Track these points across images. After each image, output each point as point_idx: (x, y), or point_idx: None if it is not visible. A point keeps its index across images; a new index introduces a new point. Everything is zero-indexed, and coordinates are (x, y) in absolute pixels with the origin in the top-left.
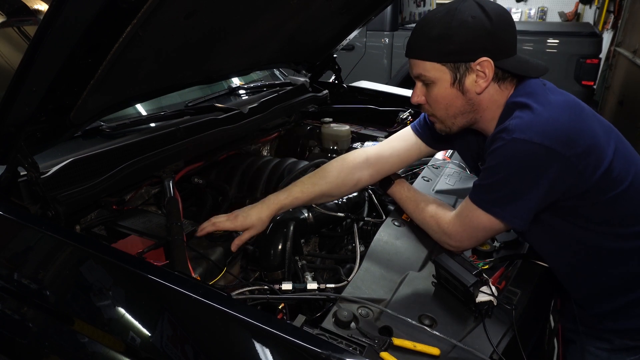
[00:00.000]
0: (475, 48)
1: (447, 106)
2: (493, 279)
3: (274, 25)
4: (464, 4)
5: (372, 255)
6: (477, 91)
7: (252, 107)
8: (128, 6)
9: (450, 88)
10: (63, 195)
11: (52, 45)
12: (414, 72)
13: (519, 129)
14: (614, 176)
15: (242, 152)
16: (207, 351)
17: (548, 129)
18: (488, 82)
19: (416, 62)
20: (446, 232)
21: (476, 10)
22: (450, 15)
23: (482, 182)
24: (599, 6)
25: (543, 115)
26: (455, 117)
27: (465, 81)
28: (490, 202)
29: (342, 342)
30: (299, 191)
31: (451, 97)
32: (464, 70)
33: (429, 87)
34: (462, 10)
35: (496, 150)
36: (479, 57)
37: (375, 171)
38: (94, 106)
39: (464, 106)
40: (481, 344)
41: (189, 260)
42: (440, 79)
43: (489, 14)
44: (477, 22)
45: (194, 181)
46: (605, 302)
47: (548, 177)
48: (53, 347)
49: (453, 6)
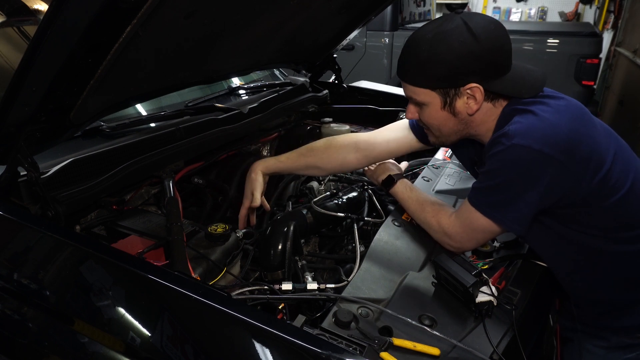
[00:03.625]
0: (464, 72)
1: (439, 126)
2: (493, 279)
3: (274, 25)
4: (451, 25)
5: (372, 255)
6: (468, 112)
7: (252, 107)
8: (128, 6)
9: (441, 111)
10: (63, 195)
11: (52, 45)
12: (405, 93)
13: (519, 134)
14: (613, 182)
15: (242, 152)
16: (207, 351)
17: (548, 135)
18: (479, 104)
19: (406, 85)
20: (447, 232)
21: (463, 33)
22: (438, 40)
23: (480, 185)
24: (599, 6)
25: (543, 121)
26: (449, 135)
27: (456, 104)
28: (489, 205)
29: (342, 342)
30: (285, 157)
31: (443, 119)
32: (454, 95)
33: (420, 108)
34: (449, 34)
35: (496, 155)
36: (468, 82)
37: (362, 156)
38: (94, 106)
39: (456, 126)
40: (481, 344)
41: (189, 260)
42: (430, 103)
43: (477, 36)
44: (464, 47)
45: (194, 181)
46: (603, 302)
47: (546, 182)
48: (53, 347)
49: (441, 29)
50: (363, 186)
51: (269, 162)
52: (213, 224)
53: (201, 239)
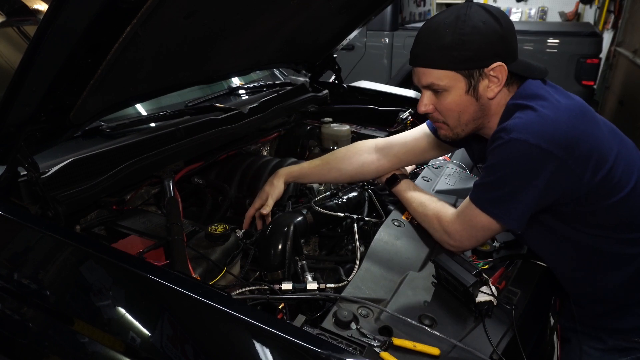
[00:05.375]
0: (489, 54)
1: (460, 113)
2: (493, 279)
3: (274, 25)
4: (471, 10)
5: (372, 255)
6: (489, 96)
7: (252, 107)
8: (128, 6)
9: (464, 95)
10: (63, 195)
11: (52, 45)
12: (422, 81)
13: (517, 129)
14: (615, 182)
15: (242, 152)
16: (207, 351)
17: (546, 131)
18: (501, 86)
19: (426, 71)
20: (447, 230)
21: (484, 15)
22: (461, 22)
23: (481, 181)
24: (599, 6)
25: (543, 117)
26: (467, 123)
27: (479, 87)
28: (488, 201)
29: (342, 342)
30: (307, 164)
31: (465, 104)
32: (478, 77)
33: (440, 95)
34: (471, 16)
35: (495, 150)
36: (493, 62)
37: (381, 155)
38: (94, 106)
39: (476, 112)
40: (481, 344)
41: (189, 260)
42: (454, 87)
43: (497, 18)
44: (488, 27)
45: (194, 181)
46: (602, 302)
47: (544, 178)
48: (53, 347)
49: (461, 12)
50: (363, 186)
51: (294, 170)
52: (213, 224)
53: (201, 239)
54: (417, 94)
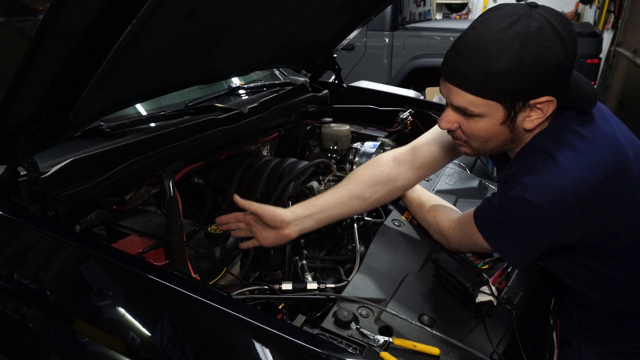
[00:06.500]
0: (544, 86)
1: (487, 140)
2: (493, 279)
3: (274, 25)
4: (535, 24)
5: (372, 255)
6: (526, 127)
7: (252, 107)
8: (128, 6)
9: (499, 125)
10: (63, 195)
11: (52, 45)
12: (454, 101)
13: (535, 190)
14: (637, 223)
15: (242, 152)
16: (207, 351)
17: (566, 196)
18: (543, 119)
19: (461, 93)
20: (445, 235)
21: (551, 36)
22: (521, 44)
23: (487, 212)
24: (599, 6)
25: (565, 179)
26: (492, 150)
27: (517, 118)
28: (492, 233)
29: (342, 342)
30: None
31: (497, 133)
32: (520, 107)
33: (470, 119)
34: (535, 37)
35: (506, 198)
36: (544, 96)
37: (406, 169)
38: (94, 106)
39: (506, 141)
40: (481, 344)
41: (189, 260)
42: (490, 115)
43: (565, 41)
44: (553, 55)
45: (194, 181)
46: (608, 307)
47: (557, 235)
48: (53, 347)
49: (521, 27)
50: None
51: (305, 223)
52: (213, 224)
53: (201, 239)
54: (417, 94)
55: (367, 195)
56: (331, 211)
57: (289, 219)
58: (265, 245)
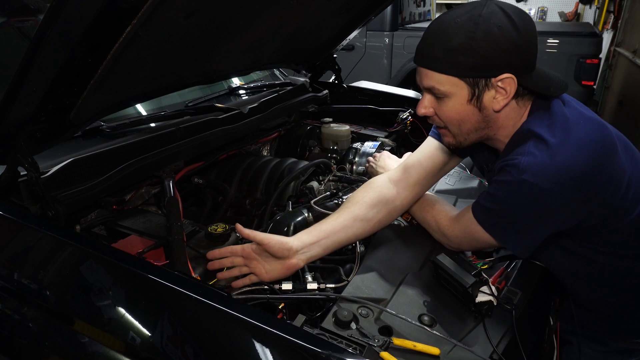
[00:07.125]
0: (499, 63)
1: (460, 122)
2: (493, 279)
3: (274, 25)
4: (488, 9)
5: (372, 255)
6: (495, 108)
7: (252, 107)
8: (128, 6)
9: (466, 104)
10: (63, 195)
11: (52, 45)
12: (424, 83)
13: (530, 170)
14: (629, 202)
15: (242, 152)
16: (207, 351)
17: (561, 174)
18: (508, 99)
19: (428, 73)
20: (445, 234)
21: (502, 18)
22: (474, 24)
23: (485, 204)
24: (599, 6)
25: (557, 157)
26: (468, 133)
27: (483, 97)
28: (492, 224)
29: (342, 342)
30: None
31: (466, 113)
32: (483, 86)
33: (441, 101)
34: (486, 17)
35: (503, 184)
36: (502, 73)
37: (401, 188)
38: (94, 106)
39: (479, 123)
40: (481, 344)
41: (189, 260)
42: (455, 94)
43: (516, 23)
44: (503, 33)
45: (194, 181)
46: (607, 304)
47: (557, 217)
48: (53, 347)
49: (475, 12)
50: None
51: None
52: (213, 224)
53: (201, 239)
54: (417, 94)
55: (370, 217)
56: (337, 236)
57: (297, 247)
58: (267, 280)
